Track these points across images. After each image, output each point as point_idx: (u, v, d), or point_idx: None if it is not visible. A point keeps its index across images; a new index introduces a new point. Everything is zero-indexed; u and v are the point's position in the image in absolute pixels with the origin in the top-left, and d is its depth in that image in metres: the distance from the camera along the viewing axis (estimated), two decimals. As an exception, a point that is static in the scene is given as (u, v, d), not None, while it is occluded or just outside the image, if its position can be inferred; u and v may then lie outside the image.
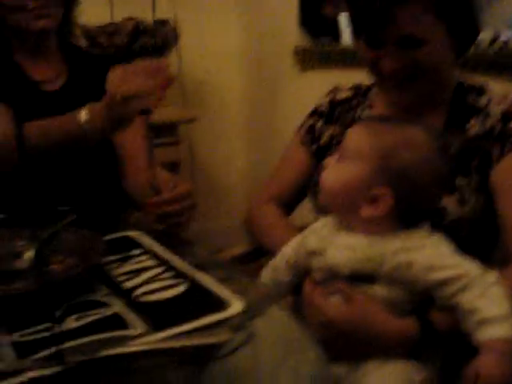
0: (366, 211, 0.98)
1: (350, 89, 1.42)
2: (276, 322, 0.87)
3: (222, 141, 3.10)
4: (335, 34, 2.51)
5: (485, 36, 1.73)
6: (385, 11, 1.13)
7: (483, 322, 0.88)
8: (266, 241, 1.35)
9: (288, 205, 1.45)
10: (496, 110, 1.19)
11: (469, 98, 1.24)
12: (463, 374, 0.86)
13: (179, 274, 0.98)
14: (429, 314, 0.98)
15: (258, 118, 3.01)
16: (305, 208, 1.44)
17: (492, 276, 0.91)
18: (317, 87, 2.52)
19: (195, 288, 0.93)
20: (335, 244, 1.01)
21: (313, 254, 1.05)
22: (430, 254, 0.95)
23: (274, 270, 1.15)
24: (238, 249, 1.42)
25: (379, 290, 0.97)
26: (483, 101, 1.22)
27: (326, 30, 2.56)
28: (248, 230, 1.44)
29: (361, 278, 0.98)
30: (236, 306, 0.85)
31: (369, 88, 1.39)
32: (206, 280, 0.95)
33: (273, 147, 2.90)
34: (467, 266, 0.93)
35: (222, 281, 0.95)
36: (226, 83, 3.03)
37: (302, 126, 1.46)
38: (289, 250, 1.14)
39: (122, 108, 1.16)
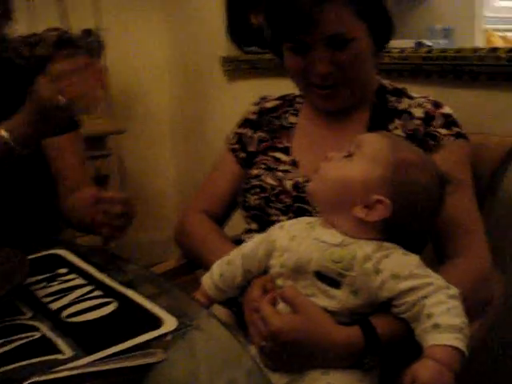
0: (359, 212, 0.98)
1: (277, 98, 1.44)
2: (212, 333, 0.85)
3: (151, 152, 3.06)
4: (262, 43, 2.51)
5: (408, 44, 1.78)
6: (309, 13, 1.14)
7: (435, 327, 0.88)
8: (200, 253, 1.32)
9: (220, 215, 1.43)
10: (418, 113, 1.23)
11: (390, 101, 1.28)
12: (402, 378, 0.86)
13: (109, 293, 0.94)
14: (370, 322, 0.98)
15: (187, 128, 2.98)
16: (236, 218, 1.43)
17: (454, 290, 0.92)
18: (245, 97, 2.52)
19: (126, 306, 0.89)
20: (309, 238, 1.01)
21: (279, 249, 1.05)
22: (398, 263, 0.95)
23: (228, 264, 1.12)
24: (171, 263, 1.40)
25: (340, 296, 0.96)
26: (404, 103, 1.26)
27: (253, 39, 2.56)
28: (180, 243, 1.41)
29: (326, 278, 0.97)
30: (170, 323, 0.83)
31: (295, 97, 1.41)
32: (138, 297, 0.92)
33: (203, 157, 2.90)
34: (433, 278, 0.94)
35: (155, 297, 0.92)
36: (153, 94, 3.00)
37: (231, 135, 1.45)
38: (247, 246, 1.12)
39: (61, 112, 1.12)
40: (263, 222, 1.28)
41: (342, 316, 0.98)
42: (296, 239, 1.03)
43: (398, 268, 0.94)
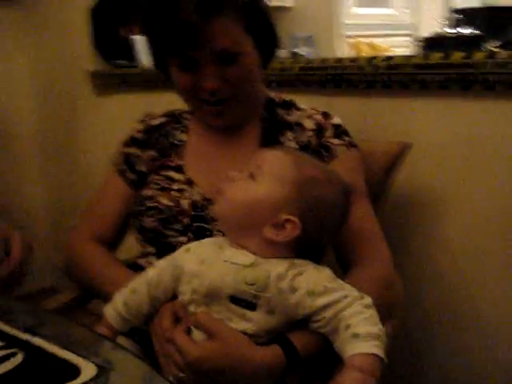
0: (269, 233, 0.96)
1: (164, 115, 1.39)
2: (135, 374, 0.79)
3: (15, 174, 2.86)
4: (131, 56, 2.43)
5: (284, 54, 1.79)
6: (198, 28, 1.11)
7: (355, 337, 0.89)
8: (97, 284, 1.24)
9: (112, 240, 1.36)
10: (310, 124, 1.24)
11: (279, 113, 1.28)
12: None
13: (12, 342, 0.85)
14: (289, 339, 0.97)
15: (56, 146, 2.83)
16: (128, 241, 1.36)
17: (368, 299, 0.94)
18: (116, 112, 2.47)
19: (34, 355, 0.81)
20: (220, 261, 0.98)
21: (188, 274, 1.01)
22: (312, 280, 0.95)
23: (133, 293, 1.06)
24: (66, 295, 1.30)
25: (256, 318, 0.94)
26: (294, 115, 1.26)
27: (121, 52, 2.48)
28: (71, 274, 1.32)
29: (241, 301, 0.95)
30: (88, 370, 0.75)
31: (181, 113, 1.37)
32: (44, 343, 0.83)
33: (74, 175, 2.77)
34: (347, 290, 0.95)
35: (61, 339, 0.84)
36: (15, 114, 2.81)
37: (117, 155, 1.38)
38: (152, 272, 1.06)
39: None
40: (161, 245, 1.23)
41: (260, 337, 0.96)
42: (205, 263, 1.00)
43: (312, 285, 0.94)
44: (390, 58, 1.46)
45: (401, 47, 3.00)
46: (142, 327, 1.09)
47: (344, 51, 2.96)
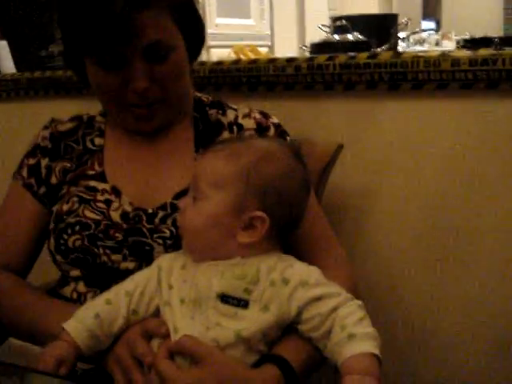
0: (243, 238, 0.92)
1: (71, 120, 1.23)
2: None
3: None
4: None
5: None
6: (125, 21, 0.99)
7: (351, 338, 0.85)
8: (14, 321, 1.08)
9: (23, 268, 1.19)
10: (250, 124, 1.16)
11: (210, 114, 1.18)
12: None
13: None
14: (284, 358, 0.89)
15: None
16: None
17: (359, 301, 0.90)
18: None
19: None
20: (203, 264, 0.92)
21: (166, 282, 0.93)
22: (304, 271, 0.92)
23: (107, 304, 0.95)
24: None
25: (250, 315, 0.87)
26: (230, 115, 1.18)
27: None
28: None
29: (232, 299, 0.88)
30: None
31: (92, 117, 1.23)
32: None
33: None
34: (338, 288, 0.91)
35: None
36: None
37: (20, 168, 1.20)
38: (130, 283, 0.97)
39: None
40: (89, 266, 1.09)
41: (256, 342, 0.88)
42: (187, 267, 0.94)
43: (305, 276, 0.90)
44: (311, 58, 1.42)
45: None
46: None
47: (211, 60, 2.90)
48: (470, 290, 1.38)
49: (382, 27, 2.22)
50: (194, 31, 1.13)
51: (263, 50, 3.40)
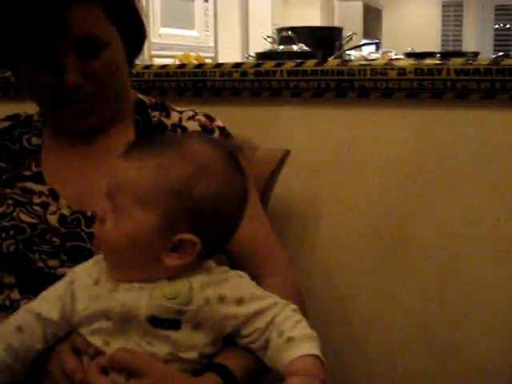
0: (171, 261, 0.82)
1: (7, 119, 1.18)
2: None
3: None
4: None
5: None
6: (56, 14, 0.95)
7: (290, 341, 0.81)
8: None
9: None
10: (194, 126, 1.14)
11: (153, 116, 1.15)
12: None
13: None
14: (225, 366, 0.85)
15: None
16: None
17: (294, 305, 0.87)
18: None
19: None
20: (127, 285, 0.83)
21: (85, 299, 0.84)
22: (237, 287, 0.86)
23: (19, 332, 0.86)
24: None
25: (182, 337, 0.82)
26: (174, 117, 1.15)
27: None
28: None
29: (162, 321, 0.81)
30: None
31: (29, 116, 1.18)
32: None
33: None
34: (274, 297, 0.87)
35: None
36: None
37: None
38: (42, 304, 0.88)
39: None
40: (24, 272, 1.03)
41: (191, 361, 0.83)
42: (101, 283, 0.85)
43: (240, 292, 0.85)
44: (258, 64, 1.40)
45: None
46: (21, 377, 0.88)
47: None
48: (412, 295, 1.39)
49: (327, 40, 2.25)
50: (132, 28, 1.09)
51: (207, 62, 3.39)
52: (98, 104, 1.05)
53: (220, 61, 3.62)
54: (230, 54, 3.67)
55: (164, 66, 1.51)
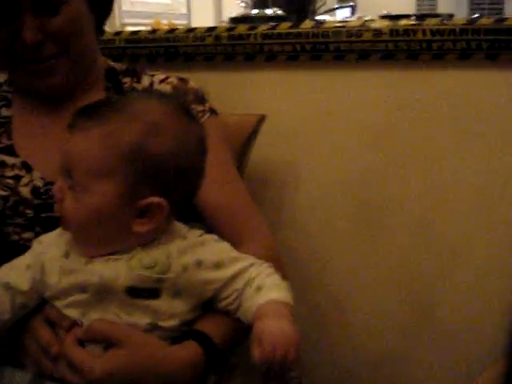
0: (140, 227, 0.79)
1: None
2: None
3: None
4: None
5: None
6: None
7: (258, 290, 0.82)
8: None
9: None
10: (166, 89, 1.11)
11: (125, 82, 1.13)
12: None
13: None
14: (204, 333, 0.84)
15: None
16: None
17: (269, 263, 0.88)
18: None
19: None
20: (102, 258, 0.80)
21: (55, 272, 0.81)
22: (215, 250, 0.85)
23: None
24: None
25: (161, 305, 0.80)
26: (145, 81, 1.13)
27: None
28: None
29: (142, 291, 0.79)
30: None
31: None
32: None
33: None
34: (250, 258, 0.87)
35: None
36: None
37: None
38: (11, 274, 0.84)
39: None
40: None
41: (171, 330, 0.82)
42: (71, 255, 0.82)
43: (217, 255, 0.84)
44: (231, 28, 1.37)
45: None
46: None
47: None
48: (388, 255, 1.40)
49: (300, 4, 2.21)
50: None
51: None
52: (59, 64, 1.02)
53: (193, 28, 3.57)
54: (203, 21, 3.60)
55: (135, 32, 1.48)
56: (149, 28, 2.19)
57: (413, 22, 1.26)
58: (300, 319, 0.84)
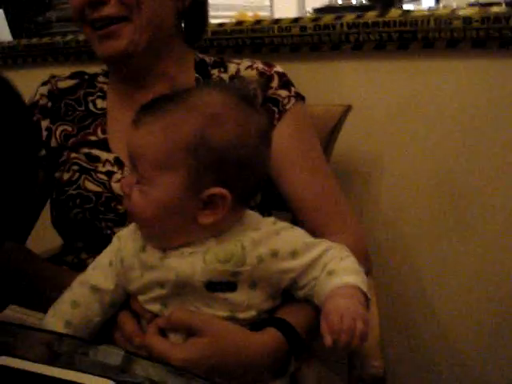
0: (206, 218, 0.79)
1: (71, 77, 1.18)
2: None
3: None
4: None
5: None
6: None
7: (330, 274, 0.81)
8: (30, 286, 1.02)
9: (21, 232, 1.14)
10: (251, 75, 1.11)
11: (213, 74, 1.13)
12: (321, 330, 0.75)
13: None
14: (285, 320, 0.85)
15: None
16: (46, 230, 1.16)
17: (344, 246, 0.87)
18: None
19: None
20: (177, 251, 0.81)
21: (136, 268, 0.83)
22: (289, 239, 0.83)
23: (74, 307, 0.85)
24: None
25: (239, 298, 0.80)
26: (231, 69, 1.13)
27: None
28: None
29: (220, 285, 0.79)
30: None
31: (94, 76, 1.18)
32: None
33: None
34: (325, 242, 0.86)
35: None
36: None
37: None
38: (95, 275, 0.87)
39: None
40: (91, 239, 1.06)
41: (249, 320, 0.83)
42: (148, 249, 0.82)
43: (292, 243, 0.83)
44: (317, 18, 1.37)
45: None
46: None
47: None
48: (479, 255, 1.36)
49: (385, -8, 2.17)
50: None
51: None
52: (123, 28, 1.01)
53: (276, 19, 3.58)
54: (286, 13, 3.59)
55: (222, 24, 1.50)
56: (233, 20, 2.22)
57: (505, 9, 1.21)
58: (384, 313, 0.83)
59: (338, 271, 0.81)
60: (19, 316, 0.97)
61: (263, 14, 3.59)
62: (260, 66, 1.12)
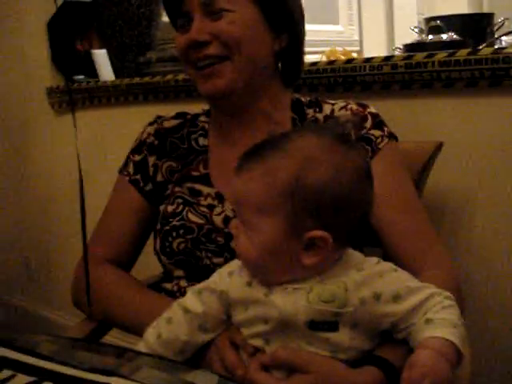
0: (309, 259, 0.82)
1: (175, 117, 1.26)
2: None
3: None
4: (90, 71, 2.29)
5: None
6: None
7: (427, 322, 0.81)
8: (120, 312, 1.12)
9: (126, 262, 1.23)
10: (346, 115, 1.14)
11: (308, 113, 1.17)
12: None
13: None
14: (387, 359, 0.86)
15: (7, 170, 2.62)
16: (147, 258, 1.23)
17: (448, 293, 0.86)
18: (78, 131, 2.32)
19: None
20: (281, 287, 0.84)
21: (238, 303, 0.87)
22: (392, 281, 0.84)
23: (168, 323, 0.91)
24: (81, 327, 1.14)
25: (341, 338, 0.82)
26: (326, 110, 1.16)
27: (79, 66, 2.33)
28: (82, 303, 1.16)
29: (322, 325, 0.82)
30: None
31: (196, 115, 1.25)
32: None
33: (29, 200, 2.56)
34: (429, 287, 0.86)
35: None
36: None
37: (126, 164, 1.25)
38: (193, 299, 0.91)
39: None
40: (192, 268, 1.11)
41: (350, 359, 0.85)
42: (254, 284, 0.86)
43: (396, 287, 0.84)
44: (408, 57, 1.40)
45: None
46: None
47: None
48: None
49: (477, 27, 2.16)
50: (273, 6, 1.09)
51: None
52: (223, 68, 1.08)
53: (366, 54, 3.60)
54: (375, 47, 3.62)
55: (314, 63, 1.55)
56: (323, 57, 2.27)
57: None
58: (475, 349, 0.82)
59: (435, 322, 0.81)
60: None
61: (352, 48, 3.63)
62: (354, 106, 1.15)
